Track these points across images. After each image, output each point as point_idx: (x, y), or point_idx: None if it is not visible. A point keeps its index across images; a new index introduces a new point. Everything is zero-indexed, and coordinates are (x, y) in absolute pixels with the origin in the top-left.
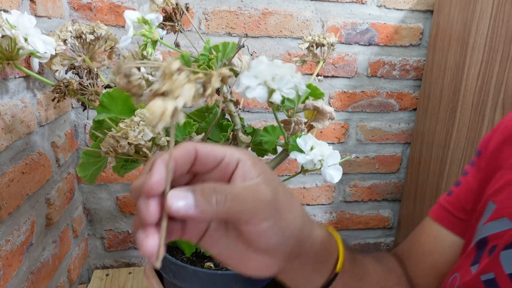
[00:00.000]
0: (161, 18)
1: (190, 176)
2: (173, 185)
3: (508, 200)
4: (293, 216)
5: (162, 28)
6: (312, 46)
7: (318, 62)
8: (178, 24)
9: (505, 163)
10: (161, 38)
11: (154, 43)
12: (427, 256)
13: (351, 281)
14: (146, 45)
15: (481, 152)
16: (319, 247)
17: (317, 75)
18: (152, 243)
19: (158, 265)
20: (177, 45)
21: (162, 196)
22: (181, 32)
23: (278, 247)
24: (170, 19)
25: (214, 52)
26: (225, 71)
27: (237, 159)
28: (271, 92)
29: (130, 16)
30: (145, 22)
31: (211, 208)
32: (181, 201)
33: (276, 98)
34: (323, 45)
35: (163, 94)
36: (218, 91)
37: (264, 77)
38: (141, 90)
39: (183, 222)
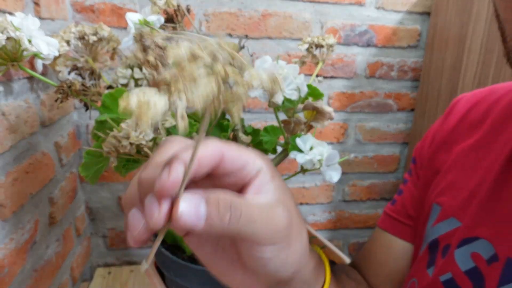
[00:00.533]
0: (162, 20)
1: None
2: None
3: (452, 201)
4: (300, 245)
5: (164, 29)
6: (312, 47)
7: (318, 63)
8: (179, 25)
9: (442, 167)
10: None
11: None
12: (382, 265)
13: None
14: None
15: (415, 159)
16: (309, 276)
17: (317, 75)
18: (144, 239)
19: (146, 268)
20: None
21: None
22: None
23: (273, 273)
24: (172, 20)
25: None
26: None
27: (258, 168)
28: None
29: (132, 18)
30: (147, 23)
31: (222, 225)
32: (192, 212)
33: (278, 99)
34: (322, 46)
35: (168, 85)
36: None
37: None
38: (158, 68)
39: None
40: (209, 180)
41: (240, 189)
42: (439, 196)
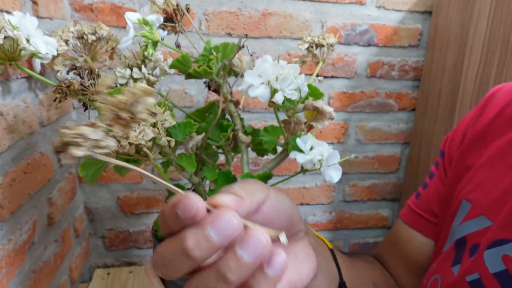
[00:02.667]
0: (161, 19)
1: None
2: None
3: (483, 198)
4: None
5: (163, 29)
6: (312, 46)
7: (318, 62)
8: (178, 25)
9: (475, 164)
10: (162, 39)
11: (155, 44)
12: (402, 257)
13: None
14: (147, 46)
15: (444, 153)
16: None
17: (317, 75)
18: None
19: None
20: (178, 45)
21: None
22: (181, 33)
23: None
24: (171, 20)
25: (214, 53)
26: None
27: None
28: (273, 92)
29: (131, 17)
30: (146, 23)
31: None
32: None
33: (279, 98)
34: (322, 45)
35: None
36: (218, 91)
37: (268, 76)
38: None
39: None
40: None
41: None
42: (470, 193)
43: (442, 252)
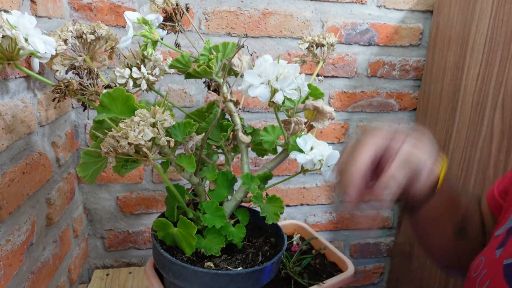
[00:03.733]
0: (161, 19)
1: None
2: None
3: None
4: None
5: (163, 28)
6: (312, 46)
7: (318, 62)
8: (178, 24)
9: None
10: (162, 39)
11: (154, 43)
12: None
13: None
14: (146, 45)
15: None
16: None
17: (317, 75)
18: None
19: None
20: (177, 45)
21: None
22: (181, 32)
23: None
24: (171, 19)
25: (214, 52)
26: None
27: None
28: (273, 91)
29: (130, 17)
30: (145, 22)
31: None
32: None
33: (279, 98)
34: (323, 45)
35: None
36: (218, 91)
37: (268, 76)
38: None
39: None
40: None
41: None
42: None
43: (494, 236)
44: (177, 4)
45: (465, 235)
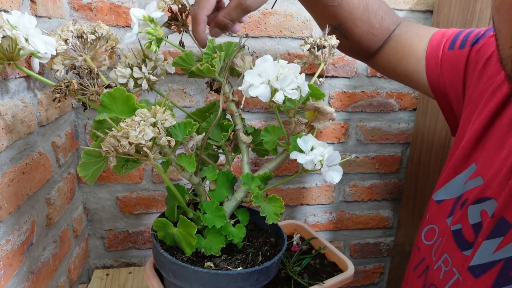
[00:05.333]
0: (166, 18)
1: None
2: None
3: (485, 161)
4: None
5: (168, 27)
6: (314, 48)
7: (319, 64)
8: (183, 24)
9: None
10: (166, 37)
11: (159, 41)
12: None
13: None
14: (151, 42)
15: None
16: None
17: (318, 76)
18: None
19: None
20: (182, 44)
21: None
22: (186, 32)
23: None
24: (176, 18)
25: (217, 52)
26: None
27: None
28: (274, 91)
29: (136, 14)
30: (151, 20)
31: None
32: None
33: (279, 98)
34: (324, 47)
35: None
36: (219, 91)
37: (268, 76)
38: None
39: None
40: None
41: None
42: (479, 157)
43: (434, 203)
44: (182, 4)
45: (342, 34)
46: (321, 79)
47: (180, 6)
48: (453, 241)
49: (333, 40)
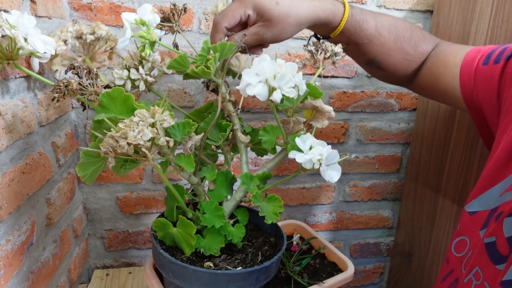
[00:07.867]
0: (158, 19)
1: None
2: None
3: None
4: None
5: (160, 29)
6: (317, 50)
7: (318, 68)
8: (176, 24)
9: None
10: (160, 39)
11: (152, 44)
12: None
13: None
14: (144, 46)
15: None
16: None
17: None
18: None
19: None
20: (175, 45)
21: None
22: (179, 32)
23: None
24: (168, 19)
25: (212, 53)
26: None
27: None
28: (271, 90)
29: (128, 18)
30: (143, 23)
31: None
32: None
33: (277, 96)
34: (327, 51)
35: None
36: (217, 91)
37: (266, 75)
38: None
39: None
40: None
41: None
42: None
43: (467, 214)
44: (174, 5)
45: (377, 66)
46: (317, 83)
47: (172, 6)
48: (486, 254)
49: (338, 48)
